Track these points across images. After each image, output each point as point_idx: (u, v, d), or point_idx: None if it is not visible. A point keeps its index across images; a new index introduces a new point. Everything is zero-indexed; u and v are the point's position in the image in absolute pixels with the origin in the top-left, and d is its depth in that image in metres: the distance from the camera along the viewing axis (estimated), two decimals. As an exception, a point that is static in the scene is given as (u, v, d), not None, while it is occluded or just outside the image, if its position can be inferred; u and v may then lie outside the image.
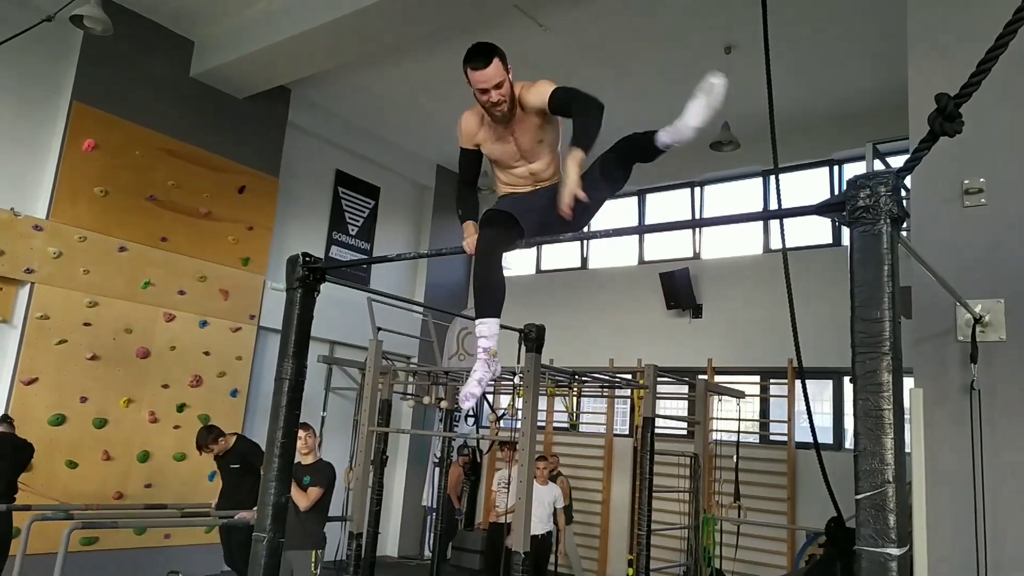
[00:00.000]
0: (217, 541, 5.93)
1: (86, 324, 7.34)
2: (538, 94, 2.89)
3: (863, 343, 1.99)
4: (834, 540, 5.88)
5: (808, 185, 9.63)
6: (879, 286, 2.00)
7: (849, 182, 2.14)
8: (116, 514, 6.12)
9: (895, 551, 1.82)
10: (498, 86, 2.85)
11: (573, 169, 2.64)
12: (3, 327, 6.96)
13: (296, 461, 4.31)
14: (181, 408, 8.03)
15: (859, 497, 1.89)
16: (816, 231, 9.25)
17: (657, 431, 6.21)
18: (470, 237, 3.04)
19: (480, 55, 2.82)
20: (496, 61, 2.83)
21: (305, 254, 3.52)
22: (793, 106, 8.45)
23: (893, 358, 1.96)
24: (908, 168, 2.19)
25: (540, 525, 6.64)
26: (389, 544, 10.32)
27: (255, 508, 3.95)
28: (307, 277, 3.50)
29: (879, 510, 1.86)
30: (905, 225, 3.90)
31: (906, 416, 2.09)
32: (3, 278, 6.91)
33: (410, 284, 11.25)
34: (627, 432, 10.04)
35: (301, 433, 4.97)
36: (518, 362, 4.78)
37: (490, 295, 2.91)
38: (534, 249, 11.88)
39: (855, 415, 1.97)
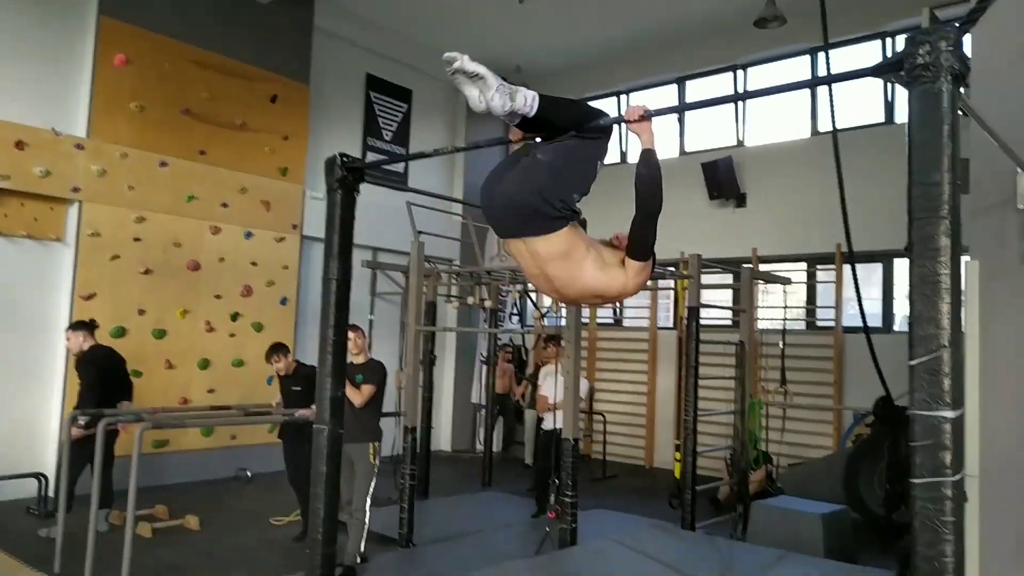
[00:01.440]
0: (278, 438, 6.19)
1: (136, 239, 7.51)
2: None
3: (921, 208, 1.92)
4: (882, 418, 5.95)
5: (859, 62, 9.15)
6: (938, 148, 1.91)
7: (908, 38, 2.02)
8: (183, 415, 6.45)
9: (950, 413, 1.81)
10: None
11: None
12: (57, 246, 7.17)
13: (348, 361, 4.43)
14: (235, 317, 8.28)
15: (914, 363, 1.87)
16: (867, 110, 8.86)
17: (702, 322, 6.21)
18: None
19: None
20: None
21: (342, 154, 3.51)
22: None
23: (952, 223, 1.89)
24: (972, 19, 2.05)
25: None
26: (442, 439, 10.72)
27: (313, 407, 4.11)
28: (346, 178, 3.49)
29: (934, 374, 1.84)
30: (965, 90, 3.70)
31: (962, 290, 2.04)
32: (52, 198, 7.07)
33: (448, 186, 11.19)
34: (671, 325, 10.07)
35: (351, 334, 5.07)
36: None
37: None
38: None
39: (911, 282, 1.92)
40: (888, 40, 8.80)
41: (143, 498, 6.41)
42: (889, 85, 8.73)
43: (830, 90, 3.58)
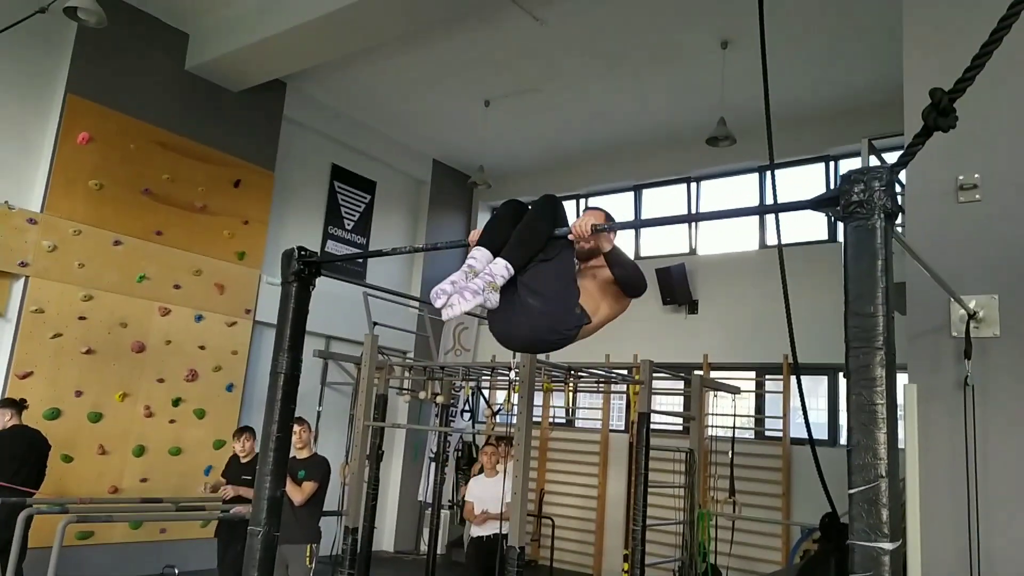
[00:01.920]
0: (212, 536, 5.90)
1: (81, 318, 7.32)
2: None
3: (857, 337, 1.99)
4: (828, 536, 5.92)
5: (804, 181, 9.63)
6: (873, 281, 2.01)
7: (843, 177, 2.14)
8: (111, 508, 6.11)
9: (888, 545, 1.82)
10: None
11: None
12: (-3, 321, 6.94)
13: (291, 456, 4.30)
14: (176, 402, 8.02)
15: (852, 492, 1.89)
16: (812, 227, 9.27)
17: (653, 427, 6.21)
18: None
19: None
20: None
21: (300, 248, 3.51)
22: (789, 101, 8.46)
23: (886, 353, 1.96)
24: (902, 163, 2.19)
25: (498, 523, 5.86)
26: (385, 539, 10.33)
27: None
28: (302, 271, 3.49)
29: (872, 504, 1.86)
30: (900, 220, 3.91)
31: (899, 412, 2.10)
32: (-2, 271, 6.89)
33: (406, 280, 11.24)
34: (623, 428, 10.05)
35: (296, 427, 4.95)
36: (513, 357, 4.78)
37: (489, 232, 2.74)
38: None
39: (848, 410, 1.97)
40: (831, 163, 9.31)
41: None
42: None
43: (776, 216, 3.75)
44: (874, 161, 5.82)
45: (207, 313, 8.31)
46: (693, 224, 10.22)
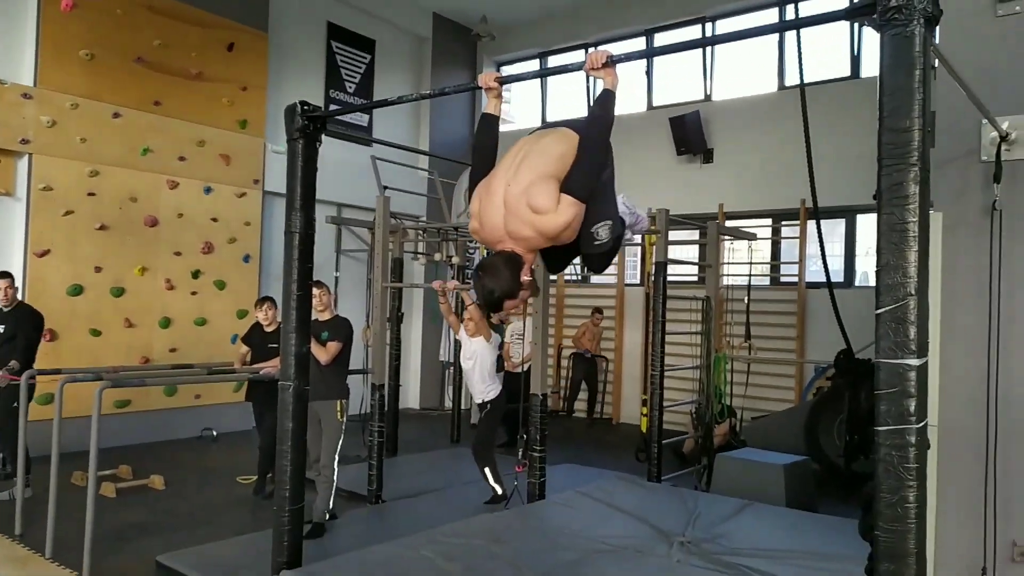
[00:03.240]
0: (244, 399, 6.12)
1: (90, 194, 7.27)
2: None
3: (890, 155, 1.90)
4: (843, 371, 6.05)
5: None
6: (910, 93, 1.89)
7: (881, -20, 1.98)
8: (144, 374, 6.30)
9: (915, 361, 1.82)
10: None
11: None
12: (8, 200, 6.91)
13: (313, 318, 4.35)
14: (196, 275, 8.11)
15: (880, 311, 1.87)
16: (833, 64, 8.85)
17: (669, 278, 6.22)
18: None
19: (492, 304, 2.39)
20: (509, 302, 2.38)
21: (303, 102, 3.39)
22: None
23: (921, 169, 1.88)
24: (946, -38, 2.02)
25: (479, 387, 5.68)
26: (411, 398, 10.72)
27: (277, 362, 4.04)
28: (307, 126, 3.39)
29: (900, 323, 1.84)
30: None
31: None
32: (0, 150, 6.78)
33: (414, 140, 11.00)
34: (638, 281, 10.11)
35: (315, 290, 4.98)
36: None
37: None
38: (538, 96, 11.50)
39: (879, 230, 1.91)
40: (856, -6, 8.74)
41: (106, 459, 6.34)
42: (855, 38, 8.72)
43: (798, 37, 3.54)
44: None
45: (215, 185, 8.23)
46: (708, 66, 9.78)
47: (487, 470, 5.67)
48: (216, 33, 8.18)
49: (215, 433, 7.93)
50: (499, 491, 5.58)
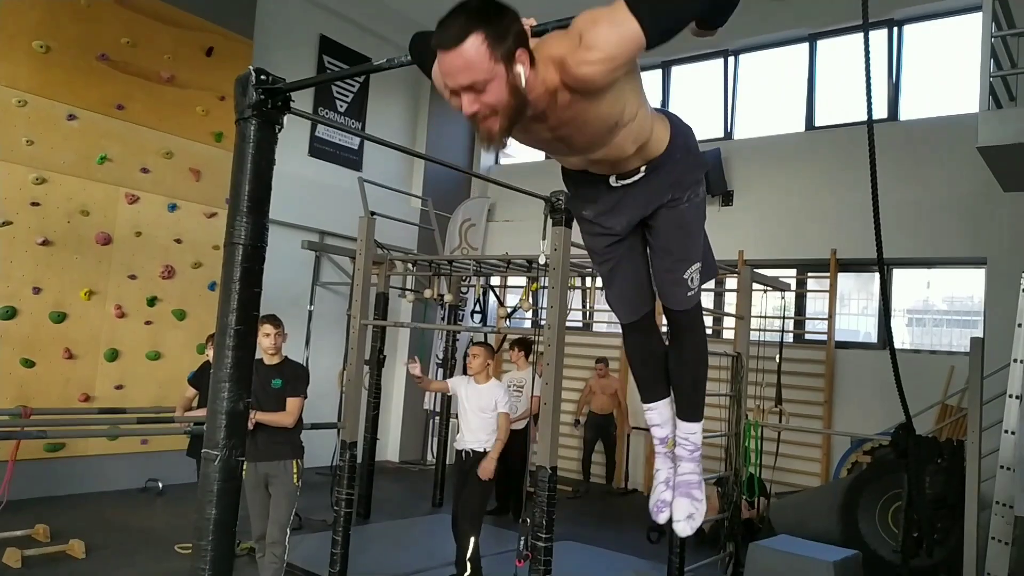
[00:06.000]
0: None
1: (34, 204, 6.35)
2: (604, 41, 1.51)
3: None
4: (903, 449, 5.15)
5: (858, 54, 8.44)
6: None
7: None
8: (49, 420, 5.19)
9: None
10: (475, 87, 1.51)
11: None
12: (-67, 206, 5.98)
13: (257, 359, 3.44)
14: (152, 302, 7.14)
15: None
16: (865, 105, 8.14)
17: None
18: None
19: (448, 26, 1.49)
20: (478, 45, 1.47)
21: (259, 70, 2.50)
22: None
23: None
24: None
25: (481, 436, 4.89)
26: (389, 449, 9.70)
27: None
28: (264, 103, 2.49)
29: None
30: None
31: None
32: (-73, 148, 5.88)
33: (407, 168, 10.20)
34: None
35: (269, 329, 4.06)
36: (543, 238, 3.84)
37: (646, 374, 2.24)
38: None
39: None
40: (895, 29, 8.08)
41: (23, 515, 5.32)
42: (895, 77, 8.02)
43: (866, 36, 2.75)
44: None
45: (182, 202, 7.32)
46: (730, 99, 9.05)
47: (472, 540, 4.72)
48: (194, 35, 7.37)
49: (161, 485, 6.89)
50: (468, 573, 4.65)
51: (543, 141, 1.80)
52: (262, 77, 2.48)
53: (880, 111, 8.06)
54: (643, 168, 1.88)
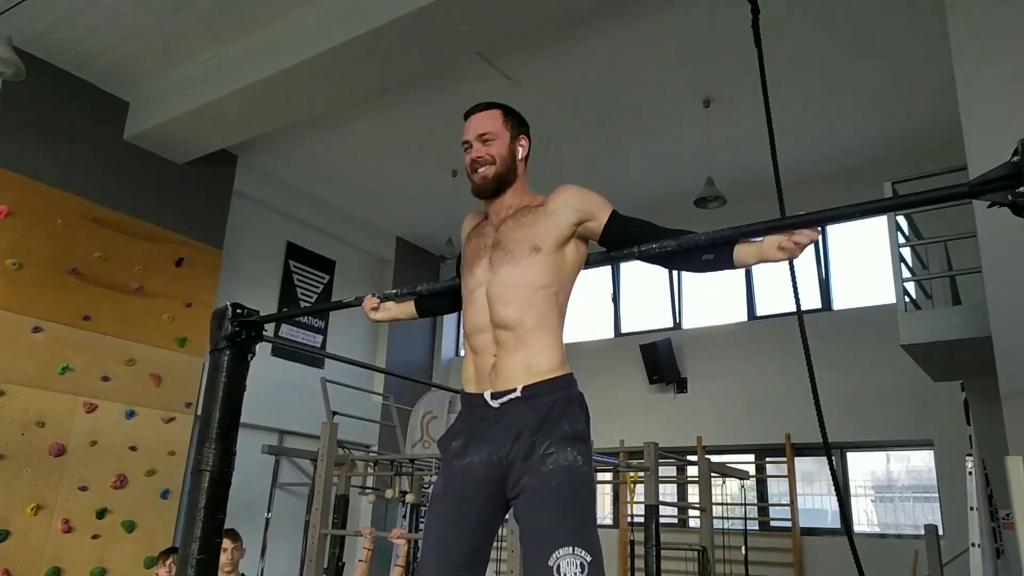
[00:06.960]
0: None
1: (-12, 417, 6.28)
2: (587, 203, 2.15)
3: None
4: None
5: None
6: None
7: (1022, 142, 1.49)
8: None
9: None
10: (485, 138, 2.19)
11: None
12: None
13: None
14: (101, 514, 6.89)
15: None
16: (803, 297, 8.71)
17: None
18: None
19: (481, 105, 2.27)
20: (497, 112, 2.24)
21: (236, 305, 2.73)
22: (781, 161, 8.01)
23: None
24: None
25: None
26: (346, 664, 9.02)
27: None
28: (239, 334, 2.69)
29: None
30: None
31: None
32: None
33: (368, 362, 10.36)
34: (611, 523, 9.10)
35: (227, 544, 3.99)
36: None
37: None
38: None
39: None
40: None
41: None
42: (822, 271, 8.66)
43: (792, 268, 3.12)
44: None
45: (140, 408, 7.29)
46: (676, 293, 9.59)
47: None
48: (166, 248, 7.72)
49: None
50: None
51: (484, 248, 2.16)
52: (238, 311, 2.71)
53: (813, 301, 8.62)
54: (520, 390, 1.96)
